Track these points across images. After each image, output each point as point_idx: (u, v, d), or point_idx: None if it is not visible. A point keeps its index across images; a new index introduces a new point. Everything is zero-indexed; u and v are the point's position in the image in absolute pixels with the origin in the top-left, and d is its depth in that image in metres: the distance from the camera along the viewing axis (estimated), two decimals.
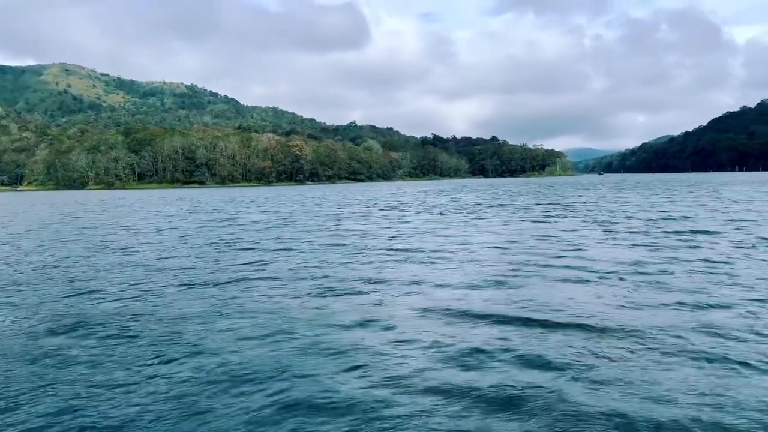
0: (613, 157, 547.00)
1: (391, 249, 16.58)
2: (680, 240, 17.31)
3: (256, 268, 13.30)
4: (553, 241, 17.75)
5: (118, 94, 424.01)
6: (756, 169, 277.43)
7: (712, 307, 8.73)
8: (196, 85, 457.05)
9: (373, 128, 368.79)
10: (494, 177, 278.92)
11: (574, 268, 12.39)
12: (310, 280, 11.58)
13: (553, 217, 28.63)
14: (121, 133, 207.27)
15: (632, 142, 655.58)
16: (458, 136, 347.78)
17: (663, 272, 11.64)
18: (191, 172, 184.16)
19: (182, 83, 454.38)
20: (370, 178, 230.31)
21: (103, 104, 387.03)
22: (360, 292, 10.30)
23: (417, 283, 11.12)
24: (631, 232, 20.08)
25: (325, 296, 10.13)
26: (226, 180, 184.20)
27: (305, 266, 13.51)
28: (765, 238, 17.17)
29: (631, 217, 27.33)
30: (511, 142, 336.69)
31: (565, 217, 28.57)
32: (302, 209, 39.72)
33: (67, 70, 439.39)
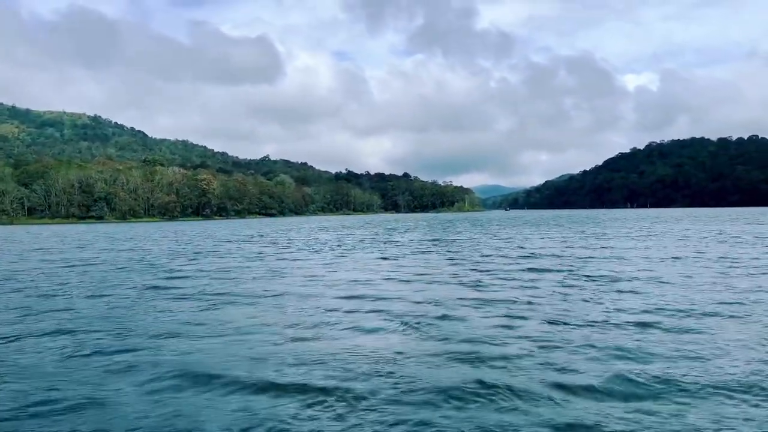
0: (518, 193, 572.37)
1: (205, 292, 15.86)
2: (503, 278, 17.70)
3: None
4: (378, 278, 17.67)
5: (11, 123, 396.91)
6: (645, 206, 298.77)
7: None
8: (99, 116, 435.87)
9: (286, 163, 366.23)
10: (406, 212, 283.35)
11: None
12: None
13: (416, 253, 28.86)
14: (10, 165, 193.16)
15: (537, 179, 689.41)
16: (372, 172, 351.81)
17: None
18: (89, 206, 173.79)
19: (84, 114, 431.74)
20: (282, 213, 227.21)
21: None
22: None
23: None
24: (465, 269, 20.36)
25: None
26: (126, 215, 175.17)
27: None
28: (567, 280, 17.78)
29: (480, 253, 27.93)
30: (422, 178, 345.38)
31: (427, 252, 28.86)
32: (165, 248, 37.88)
33: None
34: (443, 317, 10.94)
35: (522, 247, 29.87)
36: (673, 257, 22.59)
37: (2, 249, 38.76)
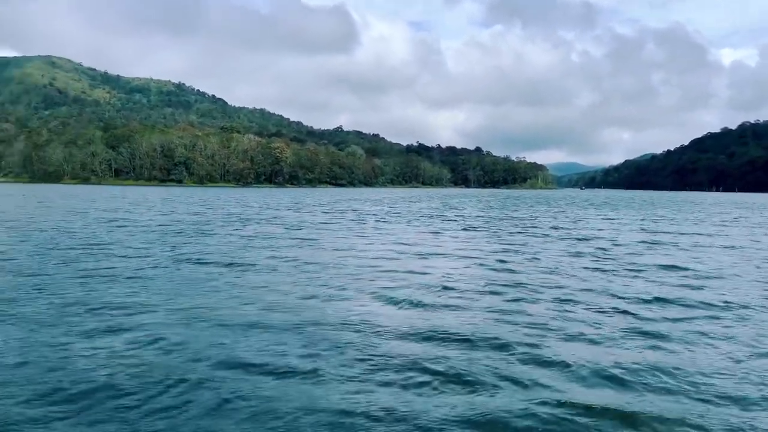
0: (596, 172, 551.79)
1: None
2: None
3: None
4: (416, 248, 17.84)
5: (103, 89, 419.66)
6: (732, 190, 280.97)
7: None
8: (183, 84, 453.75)
9: (359, 134, 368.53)
10: (476, 187, 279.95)
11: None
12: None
13: (462, 228, 28.76)
14: (100, 128, 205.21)
15: (616, 158, 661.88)
16: (443, 146, 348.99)
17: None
18: (169, 170, 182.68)
19: (170, 81, 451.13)
20: (351, 184, 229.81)
21: (88, 99, 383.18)
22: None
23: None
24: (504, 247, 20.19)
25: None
26: (204, 179, 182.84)
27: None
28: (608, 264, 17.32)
29: (527, 230, 27.44)
30: (495, 153, 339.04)
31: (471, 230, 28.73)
32: (219, 213, 39.43)
33: (53, 63, 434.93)
34: (438, 295, 11.13)
35: (573, 228, 29.25)
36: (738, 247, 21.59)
37: (77, 207, 41.74)
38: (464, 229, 27.33)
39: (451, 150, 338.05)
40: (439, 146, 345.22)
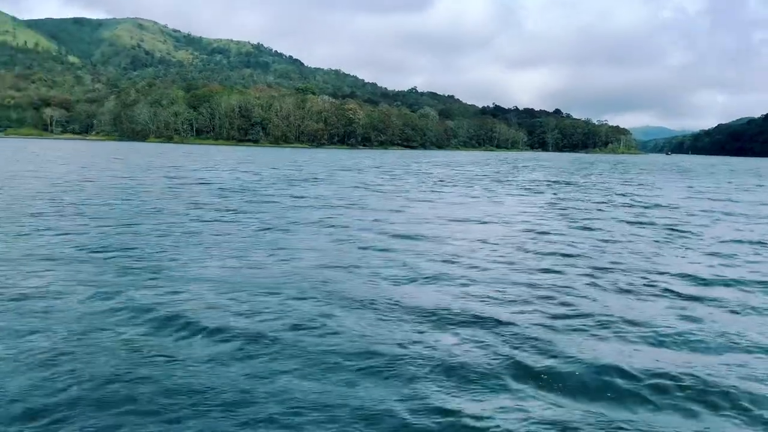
0: (685, 137, 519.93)
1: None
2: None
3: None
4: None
5: (186, 50, 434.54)
6: None
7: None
8: (261, 45, 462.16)
9: (433, 95, 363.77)
10: (553, 151, 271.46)
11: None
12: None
13: (521, 194, 28.27)
14: (182, 88, 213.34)
15: (709, 123, 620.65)
16: (520, 107, 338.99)
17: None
18: (246, 130, 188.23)
19: (249, 42, 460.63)
20: (423, 146, 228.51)
21: (172, 60, 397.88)
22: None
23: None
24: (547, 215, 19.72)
25: None
26: (279, 140, 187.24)
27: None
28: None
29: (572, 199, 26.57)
30: (575, 116, 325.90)
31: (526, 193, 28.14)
32: (282, 173, 40.32)
33: (140, 25, 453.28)
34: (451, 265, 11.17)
35: (642, 196, 28.11)
36: None
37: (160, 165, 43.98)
38: (523, 194, 26.92)
39: (529, 112, 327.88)
40: (516, 108, 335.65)
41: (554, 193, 28.29)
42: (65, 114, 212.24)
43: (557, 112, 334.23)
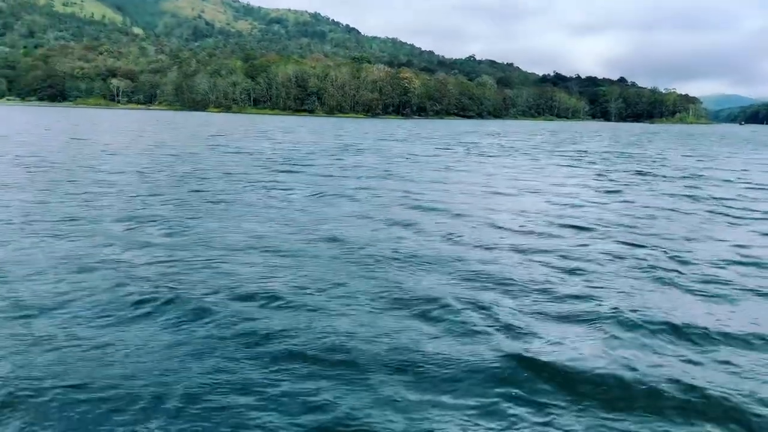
0: (760, 106, 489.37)
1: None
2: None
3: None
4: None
5: (246, 20, 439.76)
6: None
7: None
8: (319, 14, 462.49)
9: (491, 63, 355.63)
10: (616, 121, 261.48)
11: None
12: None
13: (567, 165, 27.29)
14: (241, 59, 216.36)
15: None
16: (582, 75, 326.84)
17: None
18: (302, 100, 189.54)
19: (306, 11, 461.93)
20: (480, 116, 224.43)
21: (232, 30, 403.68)
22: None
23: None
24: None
25: None
26: (334, 110, 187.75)
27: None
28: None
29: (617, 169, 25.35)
30: (641, 84, 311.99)
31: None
32: (329, 144, 40.26)
33: None
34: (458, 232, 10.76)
35: (701, 168, 26.58)
36: None
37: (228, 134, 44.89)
38: (568, 165, 25.91)
39: (591, 80, 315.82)
40: (578, 76, 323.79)
41: (602, 165, 27.12)
42: (130, 84, 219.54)
43: (621, 80, 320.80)
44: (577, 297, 7.11)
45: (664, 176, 22.72)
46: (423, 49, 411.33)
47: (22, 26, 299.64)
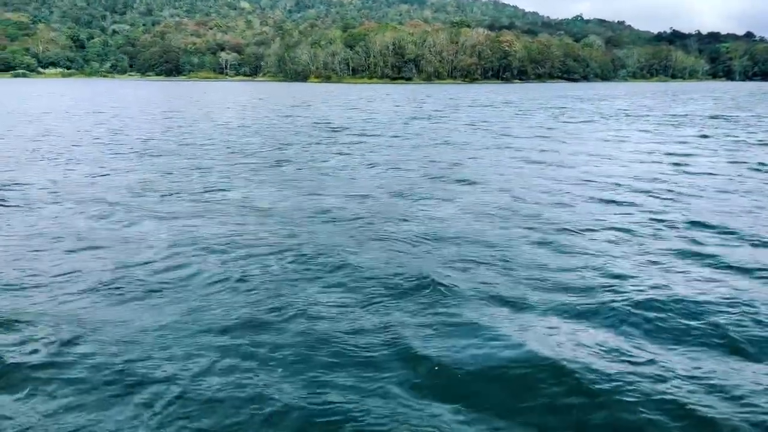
0: None
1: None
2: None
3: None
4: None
5: None
6: None
7: None
8: None
9: (600, 22, 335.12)
10: (741, 80, 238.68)
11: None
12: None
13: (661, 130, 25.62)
14: (340, 28, 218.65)
15: None
16: (703, 32, 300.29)
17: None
18: (399, 68, 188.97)
19: None
20: (586, 78, 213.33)
21: (333, 0, 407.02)
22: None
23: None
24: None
25: None
26: (431, 77, 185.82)
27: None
28: None
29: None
30: None
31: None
32: (407, 110, 40.01)
33: None
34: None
35: None
36: None
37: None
38: (660, 130, 24.34)
39: (713, 36, 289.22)
40: (698, 32, 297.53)
41: (700, 131, 25.26)
42: (237, 57, 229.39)
43: (749, 35, 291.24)
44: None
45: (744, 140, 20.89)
46: (527, 10, 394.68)
47: (141, 5, 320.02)
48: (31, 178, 12.76)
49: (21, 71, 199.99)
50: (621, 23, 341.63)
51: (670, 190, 11.52)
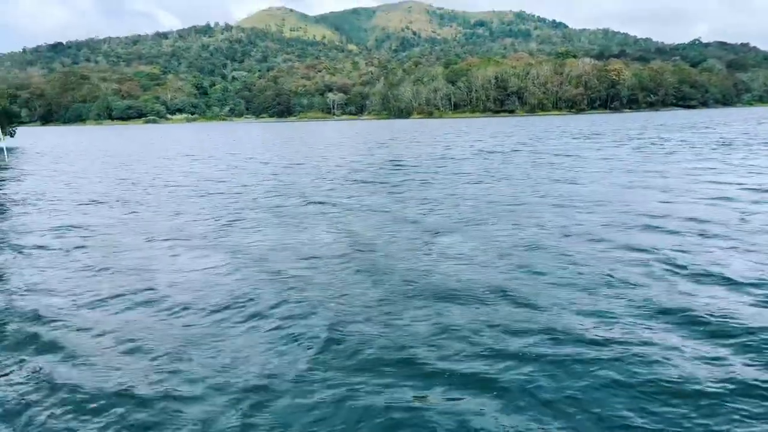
0: None
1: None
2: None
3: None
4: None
5: (450, 26, 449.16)
6: None
7: None
8: (523, 12, 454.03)
9: (721, 45, 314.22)
10: None
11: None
12: None
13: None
14: (443, 65, 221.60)
15: None
16: None
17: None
18: (502, 101, 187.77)
19: (510, 11, 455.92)
20: (704, 104, 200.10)
21: (437, 38, 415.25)
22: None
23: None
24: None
25: None
26: (535, 108, 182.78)
27: None
28: None
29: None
30: None
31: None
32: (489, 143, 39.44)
33: (408, 9, 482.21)
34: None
35: None
36: None
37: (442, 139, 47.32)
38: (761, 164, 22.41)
39: None
40: None
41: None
42: (344, 97, 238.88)
43: None
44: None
45: None
46: (638, 37, 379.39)
47: (257, 52, 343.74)
48: (142, 214, 14.10)
49: (152, 117, 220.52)
50: (745, 45, 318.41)
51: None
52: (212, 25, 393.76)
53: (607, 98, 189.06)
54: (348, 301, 6.83)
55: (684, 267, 7.76)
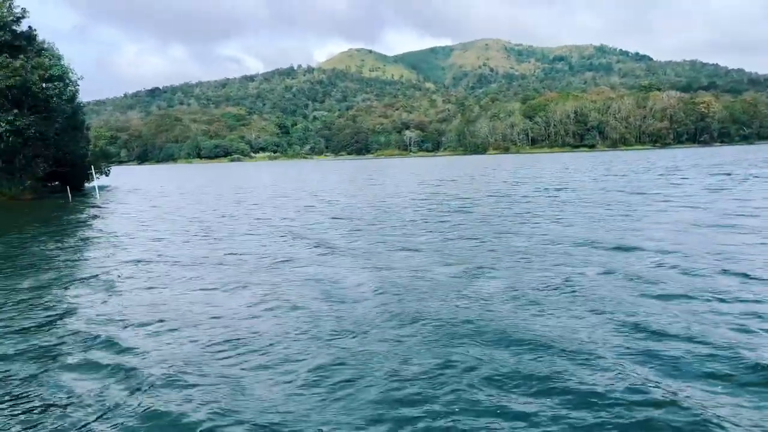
0: None
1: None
2: None
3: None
4: None
5: (528, 62, 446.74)
6: None
7: None
8: (605, 45, 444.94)
9: None
10: None
11: None
12: None
13: None
14: (520, 100, 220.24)
15: None
16: None
17: None
18: (582, 135, 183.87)
19: (591, 45, 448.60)
20: None
21: (515, 74, 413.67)
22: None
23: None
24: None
25: None
26: (617, 143, 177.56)
27: None
28: None
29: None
30: None
31: None
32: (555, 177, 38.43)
33: (486, 46, 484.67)
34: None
35: None
36: None
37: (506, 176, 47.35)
38: None
39: None
40: None
41: None
42: (420, 134, 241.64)
43: None
44: None
45: None
46: (729, 68, 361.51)
47: (337, 92, 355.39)
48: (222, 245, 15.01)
49: (236, 156, 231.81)
50: None
51: None
52: (295, 67, 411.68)
53: (695, 132, 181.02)
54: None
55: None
